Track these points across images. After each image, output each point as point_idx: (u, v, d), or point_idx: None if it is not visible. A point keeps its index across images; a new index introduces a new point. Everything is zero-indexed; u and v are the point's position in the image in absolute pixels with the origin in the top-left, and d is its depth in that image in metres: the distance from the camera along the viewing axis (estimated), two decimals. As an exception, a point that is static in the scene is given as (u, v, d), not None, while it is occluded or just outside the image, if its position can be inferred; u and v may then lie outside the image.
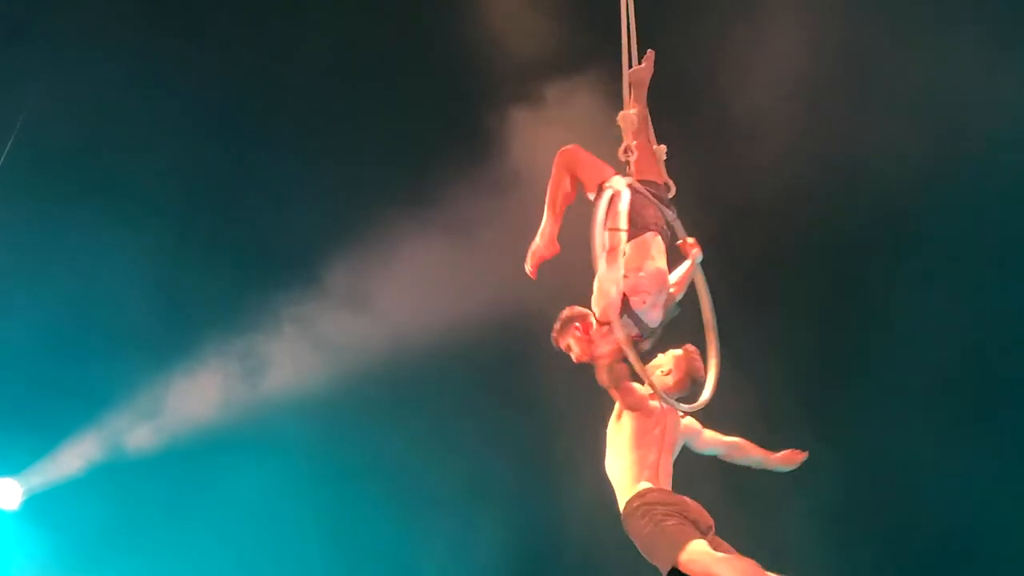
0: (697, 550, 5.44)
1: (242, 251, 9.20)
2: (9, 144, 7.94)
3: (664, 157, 5.95)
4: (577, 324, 5.64)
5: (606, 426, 5.92)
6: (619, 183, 5.65)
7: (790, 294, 8.79)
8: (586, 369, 6.18)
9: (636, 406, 5.65)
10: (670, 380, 5.68)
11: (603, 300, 5.51)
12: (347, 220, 8.96)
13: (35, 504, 8.83)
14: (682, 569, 5.45)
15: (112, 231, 8.78)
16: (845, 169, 8.57)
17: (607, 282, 5.52)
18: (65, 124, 8.65)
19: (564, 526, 8.52)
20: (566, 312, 5.70)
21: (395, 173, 9.03)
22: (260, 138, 9.12)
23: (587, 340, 5.60)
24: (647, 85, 6.03)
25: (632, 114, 5.88)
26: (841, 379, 8.78)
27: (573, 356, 5.67)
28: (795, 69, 8.45)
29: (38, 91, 8.26)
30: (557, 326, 5.69)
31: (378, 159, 9.10)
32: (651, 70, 6.03)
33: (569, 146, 5.76)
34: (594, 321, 5.60)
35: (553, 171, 5.70)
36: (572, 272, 5.68)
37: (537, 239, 5.66)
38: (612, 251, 5.54)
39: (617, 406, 5.76)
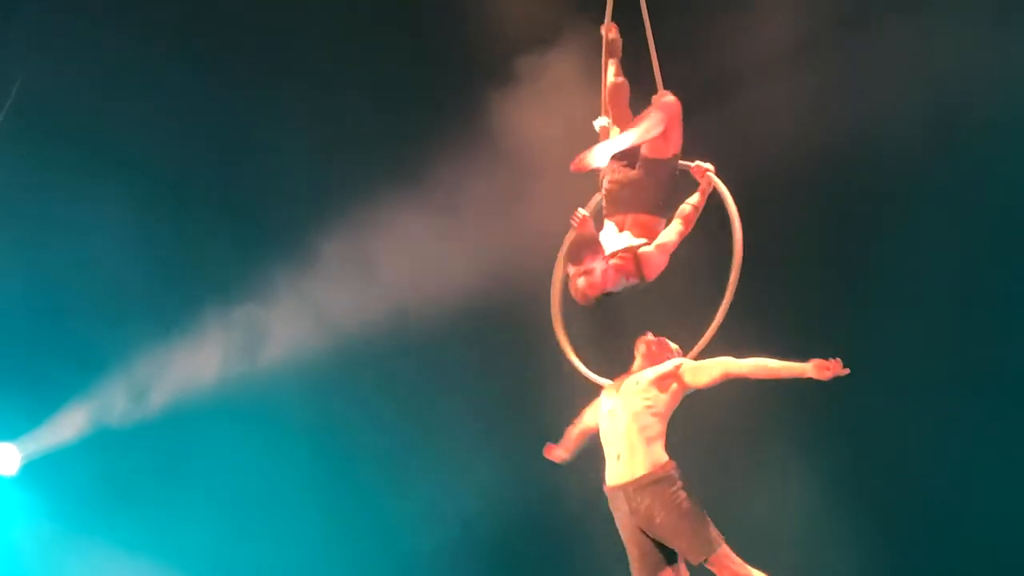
0: (730, 550, 5.64)
1: (239, 221, 9.21)
2: (6, 107, 7.92)
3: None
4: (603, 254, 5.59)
5: (596, 391, 6.06)
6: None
7: (787, 261, 8.78)
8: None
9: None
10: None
11: (661, 263, 5.65)
12: (342, 192, 8.95)
13: (34, 469, 8.86)
14: (713, 561, 5.59)
15: (109, 198, 8.77)
16: (845, 134, 8.51)
17: (669, 253, 5.71)
18: (62, 89, 8.63)
19: (558, 491, 8.54)
20: (592, 234, 5.61)
21: (390, 146, 9.02)
22: (257, 110, 9.09)
23: (615, 273, 5.58)
24: (619, 53, 6.09)
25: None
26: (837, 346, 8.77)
27: (585, 281, 5.51)
28: (793, 38, 8.42)
29: (35, 54, 8.23)
30: (585, 245, 5.52)
31: (373, 131, 9.07)
32: (619, 38, 6.09)
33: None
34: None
35: (657, 114, 5.71)
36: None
37: (599, 149, 5.57)
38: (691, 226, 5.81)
39: (664, 372, 5.85)
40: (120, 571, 8.92)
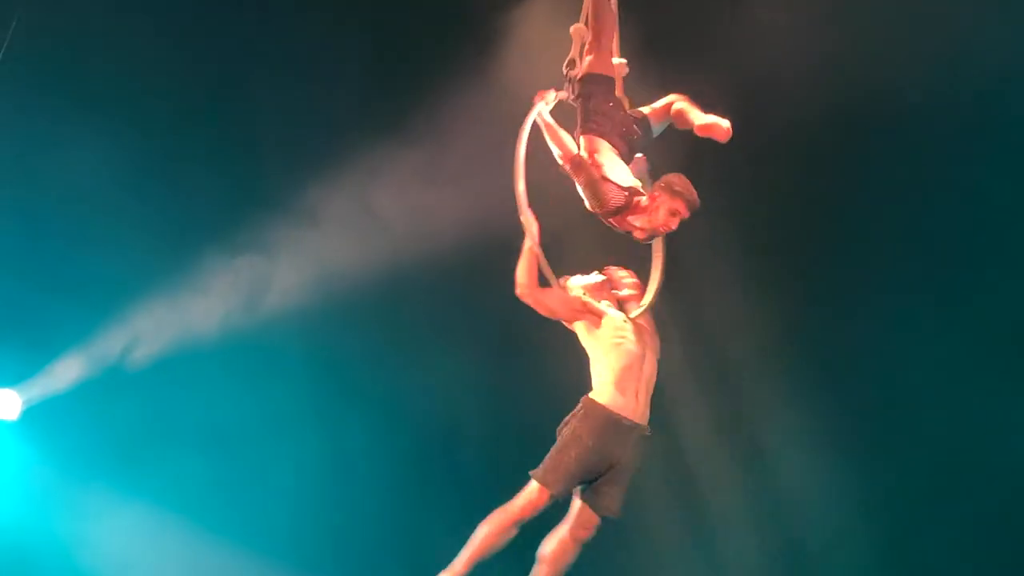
0: None
1: (237, 169, 9.19)
2: (4, 47, 7.88)
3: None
4: None
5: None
6: None
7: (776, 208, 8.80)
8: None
9: None
10: None
11: None
12: (337, 140, 8.99)
13: (34, 414, 8.90)
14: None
15: (109, 144, 8.73)
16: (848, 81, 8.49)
17: None
18: (59, 36, 8.60)
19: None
20: None
21: (383, 93, 9.06)
22: (253, 57, 9.08)
23: None
24: None
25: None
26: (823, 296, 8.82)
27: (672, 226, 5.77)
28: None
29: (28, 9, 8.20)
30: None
31: (366, 79, 9.15)
32: None
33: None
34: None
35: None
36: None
37: None
38: None
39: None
40: (121, 515, 8.99)
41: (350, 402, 9.25)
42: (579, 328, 6.05)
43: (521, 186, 6.03)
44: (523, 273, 6.00)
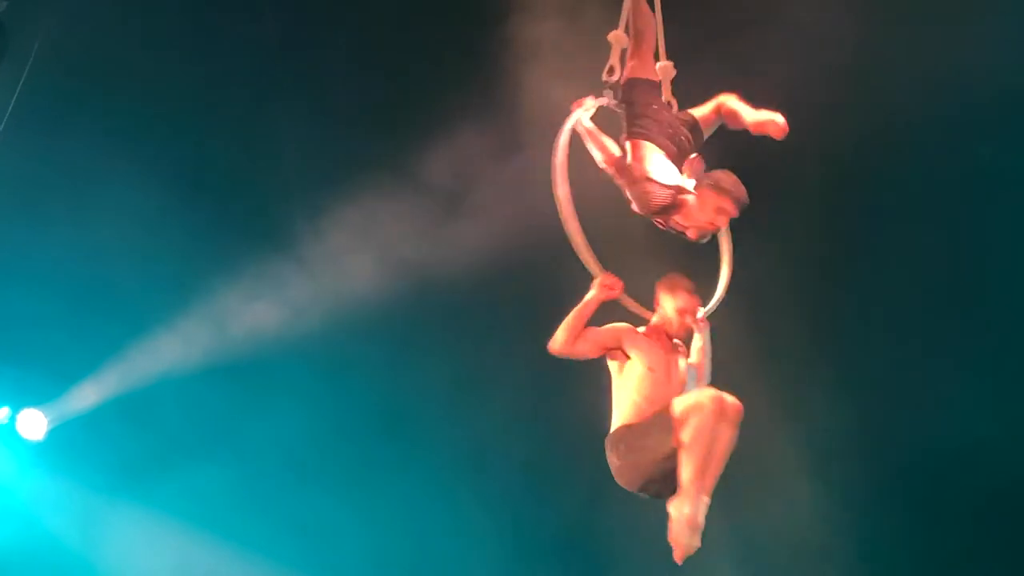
0: None
1: (253, 207, 9.30)
2: (22, 79, 7.95)
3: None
4: None
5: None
6: None
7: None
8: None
9: None
10: None
11: None
12: (356, 170, 9.05)
13: (60, 434, 8.95)
14: None
15: (134, 171, 8.80)
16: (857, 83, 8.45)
17: None
18: (81, 74, 8.70)
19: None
20: None
21: (396, 135, 9.10)
22: (269, 109, 9.16)
23: None
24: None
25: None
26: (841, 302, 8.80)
27: (717, 221, 5.60)
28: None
29: (51, 28, 8.22)
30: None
31: (380, 121, 9.19)
32: None
33: None
34: None
35: None
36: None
37: None
38: None
39: None
40: (145, 534, 9.06)
41: (367, 421, 9.34)
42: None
43: (562, 191, 5.67)
44: (567, 328, 5.67)
